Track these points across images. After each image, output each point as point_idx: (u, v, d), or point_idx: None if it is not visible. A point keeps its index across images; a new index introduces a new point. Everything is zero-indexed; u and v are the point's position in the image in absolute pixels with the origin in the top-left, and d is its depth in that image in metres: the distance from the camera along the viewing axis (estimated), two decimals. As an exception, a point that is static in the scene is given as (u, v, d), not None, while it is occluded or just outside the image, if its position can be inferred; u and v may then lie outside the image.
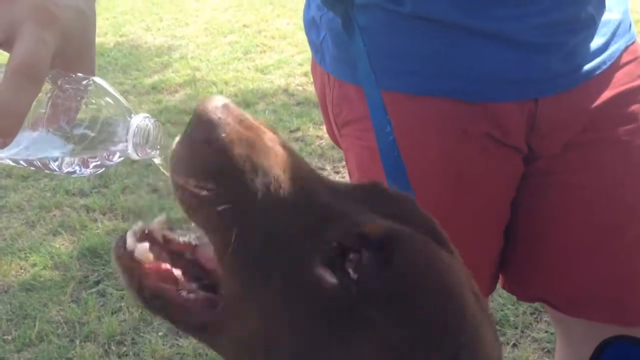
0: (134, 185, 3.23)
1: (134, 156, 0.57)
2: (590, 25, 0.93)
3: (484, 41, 0.90)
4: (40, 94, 0.49)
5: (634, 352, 0.80)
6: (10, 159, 0.56)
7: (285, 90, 4.63)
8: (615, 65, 0.99)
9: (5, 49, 0.50)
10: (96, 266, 2.60)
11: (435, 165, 0.98)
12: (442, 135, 0.96)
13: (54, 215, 3.02)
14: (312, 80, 1.18)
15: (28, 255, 2.69)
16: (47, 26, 0.50)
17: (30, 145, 0.53)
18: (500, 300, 2.14)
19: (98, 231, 2.85)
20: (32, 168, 0.59)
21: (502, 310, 2.12)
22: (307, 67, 4.86)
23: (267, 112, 4.30)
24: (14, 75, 0.47)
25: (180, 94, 4.87)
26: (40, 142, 0.53)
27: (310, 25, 1.07)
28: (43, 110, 0.52)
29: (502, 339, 2.03)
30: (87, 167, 0.58)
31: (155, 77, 5.26)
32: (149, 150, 0.56)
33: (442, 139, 0.97)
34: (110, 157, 0.57)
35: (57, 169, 0.57)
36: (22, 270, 2.61)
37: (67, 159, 0.56)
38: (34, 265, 2.63)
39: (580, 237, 1.06)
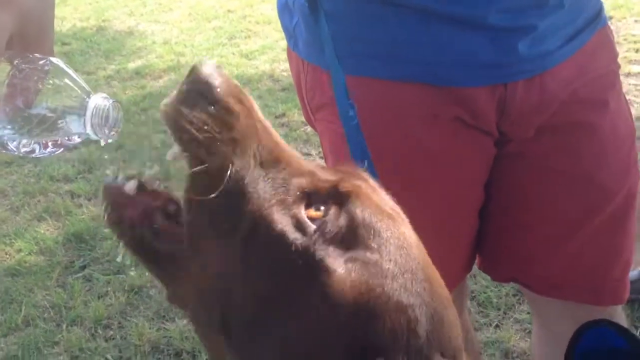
0: (118, 170, 3.22)
1: (93, 136, 0.57)
2: (559, 9, 0.94)
3: (453, 26, 0.90)
4: None
5: (610, 337, 0.82)
6: None
7: (271, 76, 4.62)
8: (586, 50, 0.99)
9: None
10: (82, 251, 2.60)
11: (406, 149, 0.99)
12: (413, 120, 0.97)
13: (39, 201, 3.00)
14: (297, 66, 1.19)
15: (13, 240, 2.68)
16: (3, 7, 0.50)
17: None
18: (484, 283, 2.18)
19: (83, 216, 2.85)
20: None
21: (485, 293, 2.15)
22: (292, 53, 4.86)
23: (252, 97, 4.30)
24: None
25: (164, 79, 4.84)
26: (3, 123, 0.54)
27: (284, 10, 1.07)
28: (1, 90, 0.53)
29: (484, 320, 2.07)
30: (47, 147, 0.58)
31: (139, 62, 5.22)
32: (107, 131, 0.56)
33: (413, 123, 0.98)
34: (70, 137, 0.57)
35: (14, 149, 0.57)
36: (7, 256, 2.60)
37: (24, 140, 0.56)
38: (19, 250, 2.62)
39: (553, 220, 1.08)
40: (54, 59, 0.55)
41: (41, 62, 0.54)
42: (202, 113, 0.54)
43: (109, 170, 0.58)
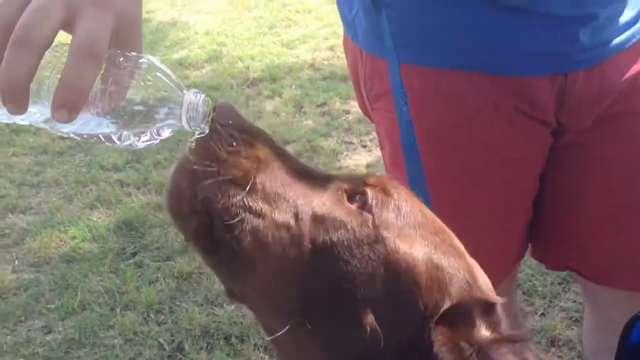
0: (165, 160, 3.30)
1: (187, 128, 0.60)
2: None
3: (515, 15, 0.91)
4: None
5: None
6: (74, 133, 0.59)
7: (312, 65, 4.64)
8: None
9: (66, 30, 0.54)
10: (132, 238, 2.68)
11: (464, 138, 1.01)
12: (471, 109, 0.99)
13: (90, 190, 3.10)
14: (337, 54, 1.21)
15: (67, 228, 2.78)
16: (104, 8, 0.53)
17: (91, 121, 0.57)
18: (529, 271, 2.18)
19: (133, 205, 2.93)
20: (91, 140, 0.62)
21: (530, 281, 2.15)
22: (333, 41, 4.87)
23: (293, 87, 4.32)
24: (77, 55, 0.50)
25: (206, 69, 4.91)
26: (101, 118, 0.57)
27: (343, 1, 1.09)
28: (102, 87, 0.57)
29: (530, 308, 2.07)
30: (140, 139, 0.61)
31: (182, 53, 5.30)
32: (200, 123, 0.60)
33: (471, 112, 0.99)
34: (162, 130, 0.60)
35: (117, 142, 0.60)
36: (62, 243, 2.70)
37: (124, 132, 0.59)
38: (74, 237, 2.72)
39: (609, 208, 1.08)
40: (149, 57, 0.58)
41: (140, 61, 0.57)
42: (227, 140, 0.60)
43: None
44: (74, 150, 3.55)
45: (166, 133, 0.60)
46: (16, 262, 2.59)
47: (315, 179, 0.64)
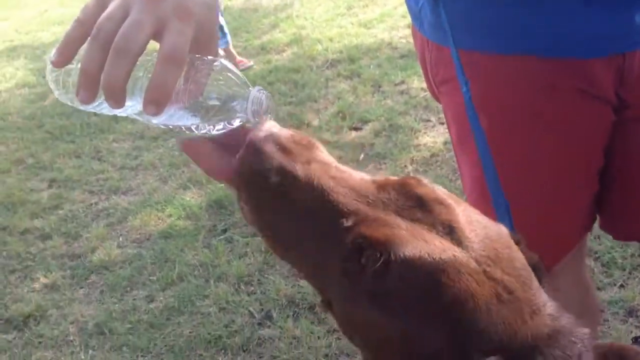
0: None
1: (252, 120, 0.68)
2: None
3: (571, 1, 0.96)
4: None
5: None
6: (162, 124, 0.71)
7: (389, 44, 4.69)
8: None
9: (156, 40, 0.65)
10: (222, 216, 2.87)
11: (525, 119, 1.06)
12: (530, 91, 1.04)
13: (183, 172, 3.33)
14: (416, 32, 1.28)
15: (164, 207, 3.01)
16: (186, 21, 0.64)
17: (175, 114, 0.68)
18: (608, 244, 2.19)
19: (221, 185, 3.12)
20: (175, 130, 0.74)
21: (609, 253, 2.17)
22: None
23: (371, 66, 4.40)
24: (163, 62, 0.61)
25: (287, 52, 5.06)
26: (182, 111, 0.68)
27: None
28: (184, 86, 0.69)
29: (608, 280, 2.09)
30: (215, 128, 0.70)
31: (264, 38, 5.48)
32: (263, 115, 0.69)
33: (530, 94, 1.04)
34: (233, 121, 0.69)
35: (195, 131, 0.70)
36: (160, 221, 2.94)
37: (201, 123, 0.69)
38: (170, 216, 2.95)
39: None
40: (222, 60, 0.68)
41: (215, 63, 0.67)
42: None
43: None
44: (167, 135, 3.80)
45: (236, 123, 0.69)
46: (120, 239, 2.85)
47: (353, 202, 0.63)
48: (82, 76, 0.62)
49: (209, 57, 0.67)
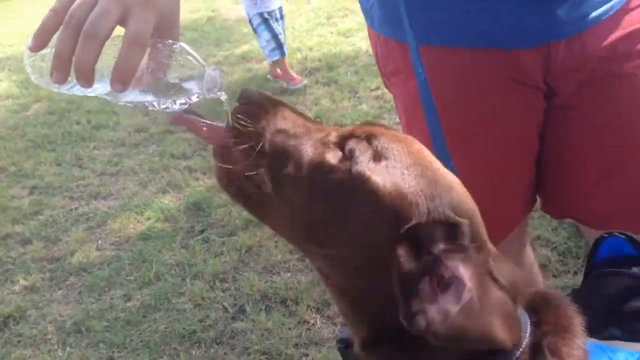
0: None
1: (207, 95, 0.77)
2: None
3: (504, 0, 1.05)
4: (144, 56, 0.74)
5: (624, 246, 0.95)
6: (128, 102, 0.78)
7: (367, 52, 4.79)
8: (624, 10, 1.10)
9: (121, 25, 0.73)
10: (200, 218, 2.95)
11: (470, 105, 1.15)
12: (473, 79, 1.13)
13: (162, 176, 3.41)
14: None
15: (143, 210, 3.08)
16: (149, 9, 0.72)
17: (140, 93, 0.76)
18: (565, 234, 2.28)
19: (200, 188, 3.21)
20: (143, 107, 0.83)
21: (565, 244, 2.26)
22: (387, 27, 4.99)
23: (348, 73, 4.50)
24: (128, 44, 0.70)
25: (267, 62, 5.16)
26: (146, 90, 0.76)
27: None
28: (147, 67, 0.77)
29: (564, 268, 2.18)
30: (175, 104, 0.78)
31: (245, 48, 5.57)
32: (217, 92, 0.77)
33: (473, 82, 1.13)
34: (191, 97, 0.77)
35: (158, 107, 0.78)
36: (139, 224, 3.00)
37: (163, 100, 0.77)
38: (149, 219, 3.02)
39: (599, 163, 1.19)
40: (181, 43, 0.76)
41: (174, 46, 0.75)
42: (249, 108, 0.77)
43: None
44: (147, 142, 3.88)
45: (194, 99, 0.77)
46: (99, 242, 2.91)
47: (318, 131, 0.79)
48: (56, 59, 0.70)
49: (170, 41, 0.75)
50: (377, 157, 0.73)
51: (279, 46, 4.42)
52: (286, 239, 0.82)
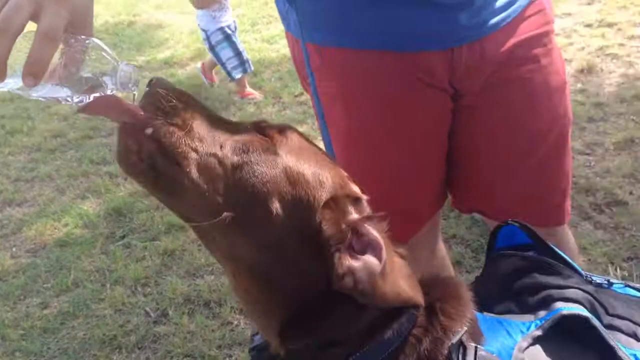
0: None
1: (121, 90, 0.78)
2: None
3: (408, 5, 1.11)
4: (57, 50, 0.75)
5: (519, 234, 1.02)
6: (41, 97, 0.79)
7: (290, 59, 4.84)
8: (520, 18, 1.19)
9: (34, 21, 0.73)
10: (121, 223, 2.90)
11: (380, 107, 1.20)
12: (382, 81, 1.18)
13: (81, 182, 3.33)
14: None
15: (60, 217, 3.00)
16: (61, 4, 0.73)
17: (53, 87, 0.76)
18: (477, 231, 2.40)
19: (121, 194, 3.16)
20: (56, 102, 0.83)
21: (478, 240, 2.38)
22: (310, 35, 5.06)
23: (273, 79, 4.54)
24: (40, 39, 0.70)
25: (191, 66, 5.12)
26: (59, 84, 0.76)
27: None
28: (60, 62, 0.78)
29: (477, 264, 2.29)
30: (89, 98, 0.78)
31: (167, 53, 5.51)
32: (130, 86, 0.78)
33: (382, 84, 1.18)
34: (104, 91, 0.78)
35: (70, 100, 0.78)
36: (56, 230, 2.92)
37: (75, 94, 0.78)
38: (66, 225, 2.94)
39: (499, 160, 1.28)
40: (94, 39, 0.77)
41: (87, 42, 0.76)
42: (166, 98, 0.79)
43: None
44: (65, 148, 3.78)
45: (107, 92, 0.78)
46: (14, 249, 2.81)
47: (233, 124, 0.84)
48: None
49: (83, 37, 0.76)
50: (290, 144, 0.81)
51: (242, 63, 4.25)
52: (192, 225, 0.82)
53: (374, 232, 0.74)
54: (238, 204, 0.77)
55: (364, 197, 0.82)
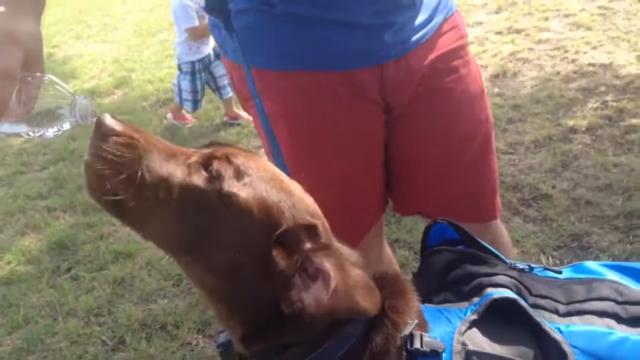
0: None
1: (81, 122, 0.83)
2: (412, 7, 1.26)
3: (338, 27, 1.21)
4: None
5: (448, 230, 1.11)
6: (2, 133, 0.83)
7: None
8: (438, 34, 1.31)
9: None
10: (65, 256, 2.88)
11: (314, 122, 1.29)
12: (318, 98, 1.27)
13: (19, 218, 3.27)
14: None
15: (2, 255, 2.95)
16: (15, 46, 0.78)
17: (12, 124, 0.81)
18: (419, 235, 2.54)
19: (62, 227, 3.13)
20: (15, 137, 0.88)
21: (419, 243, 2.52)
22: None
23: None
24: (0, 79, 0.75)
25: (117, 95, 5.10)
26: (19, 121, 0.81)
27: (213, 28, 1.38)
28: (17, 99, 0.80)
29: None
30: (49, 132, 0.83)
31: (92, 82, 5.45)
32: (88, 117, 0.83)
33: (318, 100, 1.27)
34: (64, 124, 0.83)
35: (31, 134, 0.83)
36: (-1, 269, 2.87)
37: (36, 129, 0.82)
38: (9, 263, 2.89)
39: (432, 164, 1.39)
40: (49, 75, 0.82)
41: (43, 78, 0.81)
42: (113, 142, 0.81)
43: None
44: (-3, 185, 3.70)
45: (66, 126, 0.84)
46: (-44, 292, 2.74)
47: (182, 154, 0.87)
48: None
49: (38, 74, 0.81)
50: (240, 175, 0.84)
51: (195, 102, 4.24)
52: (163, 249, 0.89)
53: (324, 262, 0.80)
54: (190, 242, 0.83)
55: (318, 223, 0.86)
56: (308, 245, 0.83)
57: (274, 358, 0.85)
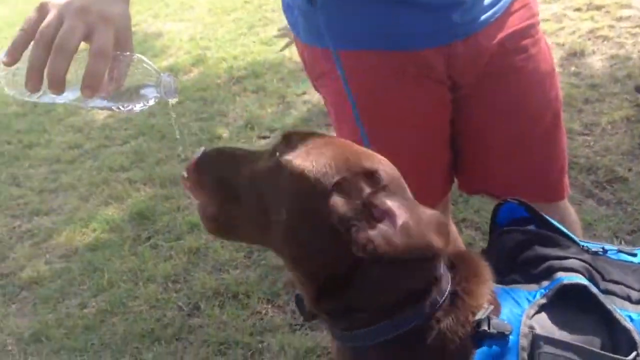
0: (166, 157, 3.68)
1: (165, 98, 0.89)
2: None
3: (407, 8, 1.26)
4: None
5: (519, 210, 1.10)
6: (95, 107, 0.90)
7: (290, 59, 4.97)
8: (508, 12, 1.33)
9: (85, 41, 0.84)
10: (145, 226, 3.05)
11: (384, 99, 1.33)
12: (387, 77, 1.32)
13: (103, 190, 3.47)
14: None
15: (87, 223, 3.15)
16: (108, 25, 0.84)
17: (104, 99, 0.88)
18: (486, 215, 2.55)
19: (142, 198, 3.30)
20: (109, 110, 0.96)
21: (487, 223, 2.52)
22: (309, 35, 5.19)
23: (275, 80, 4.68)
24: (94, 56, 0.82)
25: (194, 72, 5.25)
26: (110, 95, 0.88)
27: (287, 9, 1.44)
28: (110, 75, 0.86)
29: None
30: (136, 107, 0.90)
31: (171, 60, 5.63)
32: (172, 94, 0.88)
33: (387, 79, 1.32)
34: (150, 100, 0.89)
35: (121, 108, 0.90)
36: (85, 236, 3.07)
37: (125, 104, 0.89)
38: (94, 230, 3.09)
39: (500, 142, 1.41)
40: (137, 54, 0.88)
41: (132, 57, 0.87)
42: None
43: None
44: (83, 158, 3.92)
45: (152, 101, 0.90)
46: (47, 256, 2.96)
47: (255, 153, 0.98)
48: (30, 71, 0.81)
49: (128, 53, 0.88)
50: (293, 146, 0.91)
51: None
52: (257, 241, 1.00)
53: (387, 201, 0.80)
54: (269, 211, 0.91)
55: (377, 168, 0.88)
56: (367, 190, 0.84)
57: (341, 320, 0.90)
